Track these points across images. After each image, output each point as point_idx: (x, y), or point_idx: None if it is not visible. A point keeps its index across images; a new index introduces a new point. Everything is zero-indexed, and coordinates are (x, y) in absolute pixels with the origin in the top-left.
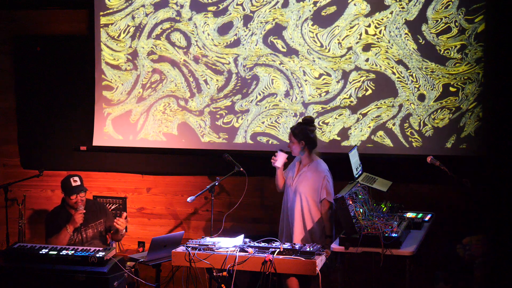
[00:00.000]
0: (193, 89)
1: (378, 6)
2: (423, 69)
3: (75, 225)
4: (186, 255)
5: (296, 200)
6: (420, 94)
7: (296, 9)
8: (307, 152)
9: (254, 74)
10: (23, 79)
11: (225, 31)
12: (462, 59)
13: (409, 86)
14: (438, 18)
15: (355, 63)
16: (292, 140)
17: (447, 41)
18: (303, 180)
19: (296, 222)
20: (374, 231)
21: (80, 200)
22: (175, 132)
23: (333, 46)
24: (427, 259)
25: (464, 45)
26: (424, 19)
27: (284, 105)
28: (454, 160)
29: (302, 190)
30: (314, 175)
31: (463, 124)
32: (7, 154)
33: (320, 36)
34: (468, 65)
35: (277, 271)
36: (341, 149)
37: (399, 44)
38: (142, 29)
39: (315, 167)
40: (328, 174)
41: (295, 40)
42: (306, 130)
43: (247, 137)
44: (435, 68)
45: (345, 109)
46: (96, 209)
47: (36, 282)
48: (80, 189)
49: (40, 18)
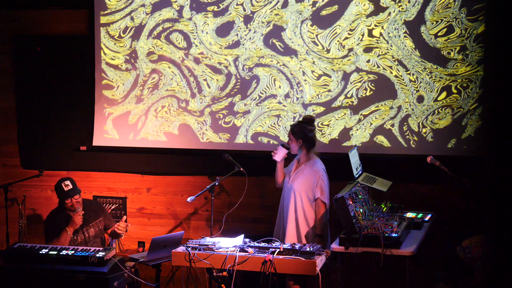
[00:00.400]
0: (193, 89)
1: (377, 7)
2: (423, 70)
3: (75, 227)
4: (186, 255)
5: (291, 197)
6: (420, 95)
7: (296, 9)
8: (304, 151)
9: (254, 74)
10: (23, 79)
11: (225, 31)
12: (463, 60)
13: (409, 87)
14: (438, 19)
15: (356, 64)
16: (290, 138)
17: (447, 42)
18: (299, 178)
19: (290, 219)
20: (374, 231)
21: (76, 202)
22: (175, 132)
23: (333, 47)
24: (427, 259)
25: (465, 46)
26: (423, 20)
27: (284, 106)
28: (454, 160)
29: (297, 187)
30: (310, 173)
31: (463, 124)
32: (7, 154)
33: (320, 37)
34: (469, 66)
35: (277, 271)
36: (341, 149)
37: (399, 45)
38: (142, 29)
39: (311, 166)
40: (324, 174)
41: (295, 41)
42: (305, 129)
43: (248, 138)
44: (435, 69)
45: (346, 110)
46: (96, 208)
47: (36, 282)
48: (73, 192)
49: (40, 18)
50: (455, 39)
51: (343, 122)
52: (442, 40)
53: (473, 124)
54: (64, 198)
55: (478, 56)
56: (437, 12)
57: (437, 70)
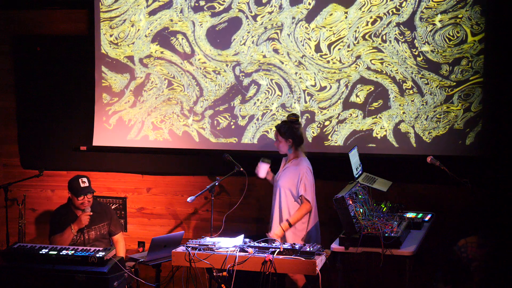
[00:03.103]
0: (193, 92)
1: (376, 14)
2: (422, 73)
3: (80, 226)
4: (186, 255)
5: (277, 193)
6: (419, 95)
7: (292, 15)
8: (293, 148)
9: (254, 79)
10: (23, 79)
11: (225, 35)
12: (465, 64)
13: (409, 89)
14: (439, 26)
15: (357, 70)
16: (278, 139)
17: (448, 48)
18: (285, 175)
19: (275, 214)
20: (374, 231)
21: (87, 201)
22: (175, 132)
23: (334, 53)
24: (427, 259)
25: (465, 48)
26: (422, 26)
27: (283, 110)
28: (454, 160)
29: (282, 184)
30: (294, 171)
31: (464, 125)
32: (7, 154)
33: (320, 43)
34: (470, 68)
35: (277, 271)
36: (341, 149)
37: (399, 50)
38: (142, 30)
39: (297, 164)
40: (308, 172)
41: (294, 47)
42: (292, 128)
43: (248, 138)
44: (435, 74)
45: (346, 114)
46: (102, 211)
47: (36, 282)
48: (88, 191)
49: (40, 18)
50: (456, 44)
51: (344, 123)
52: (443, 45)
53: (474, 124)
54: (78, 195)
55: (479, 58)
56: (437, 20)
57: (438, 71)
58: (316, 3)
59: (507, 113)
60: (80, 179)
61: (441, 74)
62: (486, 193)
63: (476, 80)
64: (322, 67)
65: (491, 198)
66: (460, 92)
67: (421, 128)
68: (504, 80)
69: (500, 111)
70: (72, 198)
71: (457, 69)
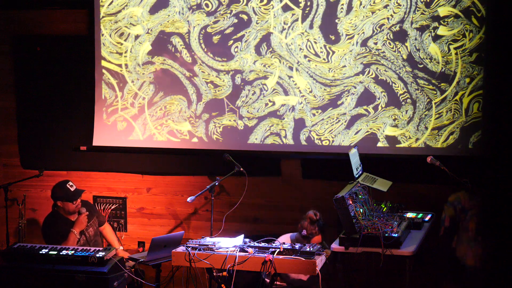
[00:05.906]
0: (193, 92)
1: (376, 21)
2: (422, 76)
3: (82, 228)
4: (186, 255)
5: None
6: (419, 96)
7: (292, 20)
8: None
9: (256, 84)
10: (23, 79)
11: (226, 39)
12: (465, 62)
13: (409, 92)
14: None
15: (357, 74)
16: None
17: (448, 49)
18: None
19: None
20: (374, 231)
21: (80, 202)
22: (175, 133)
23: (334, 58)
24: (427, 259)
25: (465, 48)
26: (423, 32)
27: (286, 113)
28: (454, 160)
29: None
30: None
31: (464, 125)
32: (7, 154)
33: (322, 48)
34: (470, 68)
35: (277, 271)
36: (341, 149)
37: (399, 57)
38: (142, 31)
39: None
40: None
41: (296, 52)
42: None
43: (248, 139)
44: (435, 74)
45: (348, 116)
46: (90, 207)
47: (36, 282)
48: (80, 192)
49: (40, 18)
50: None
51: (344, 123)
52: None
53: (474, 124)
54: (73, 199)
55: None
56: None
57: (439, 74)
58: (314, 9)
59: (507, 113)
60: (67, 184)
61: (441, 75)
62: (486, 193)
63: (476, 80)
64: (320, 71)
65: (491, 198)
66: (460, 92)
67: (421, 129)
68: (504, 80)
69: (500, 111)
70: (63, 204)
71: (457, 69)
